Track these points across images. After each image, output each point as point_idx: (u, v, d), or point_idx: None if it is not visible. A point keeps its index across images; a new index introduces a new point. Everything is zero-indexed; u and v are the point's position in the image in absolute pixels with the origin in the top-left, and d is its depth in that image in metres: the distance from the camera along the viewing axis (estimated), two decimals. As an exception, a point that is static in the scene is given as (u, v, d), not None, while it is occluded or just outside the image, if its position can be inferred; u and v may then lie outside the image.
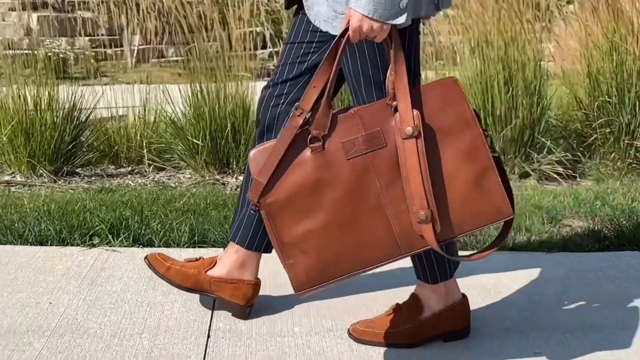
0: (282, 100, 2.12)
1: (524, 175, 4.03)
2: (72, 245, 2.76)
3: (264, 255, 2.24)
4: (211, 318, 2.23)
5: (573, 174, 4.04)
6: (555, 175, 3.95)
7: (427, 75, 4.60)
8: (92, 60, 9.77)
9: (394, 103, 1.75)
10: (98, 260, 2.62)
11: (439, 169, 1.74)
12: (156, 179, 3.94)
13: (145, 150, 4.13)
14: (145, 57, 8.57)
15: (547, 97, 4.19)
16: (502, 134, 4.02)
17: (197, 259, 2.24)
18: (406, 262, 2.10)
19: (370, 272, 1.77)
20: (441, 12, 2.03)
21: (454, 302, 2.10)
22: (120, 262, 2.61)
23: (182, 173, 4.04)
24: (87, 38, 10.09)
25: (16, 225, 2.87)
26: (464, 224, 1.75)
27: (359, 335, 2.10)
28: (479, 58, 4.16)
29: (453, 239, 1.80)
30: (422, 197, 1.71)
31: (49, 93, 4.08)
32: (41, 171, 3.89)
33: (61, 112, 4.06)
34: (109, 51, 10.10)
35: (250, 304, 2.22)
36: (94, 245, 2.75)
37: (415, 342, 2.08)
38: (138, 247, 2.76)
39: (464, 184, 1.74)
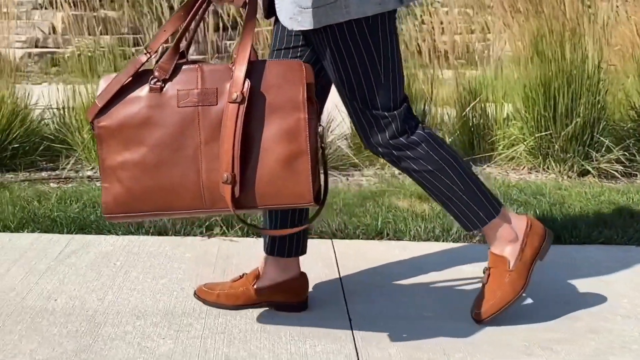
0: None
1: (583, 173, 4.20)
2: (188, 235, 2.93)
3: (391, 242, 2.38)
4: (345, 301, 2.39)
5: (632, 172, 4.20)
6: (616, 174, 4.12)
7: (446, 74, 4.74)
8: (119, 59, 9.88)
9: (234, 68, 1.86)
10: (221, 249, 2.78)
11: (258, 140, 1.84)
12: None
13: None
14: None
15: (604, 97, 4.35)
16: (562, 134, 4.19)
17: (241, 277, 2.35)
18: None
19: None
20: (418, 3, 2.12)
21: (525, 232, 2.21)
22: (241, 251, 2.77)
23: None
24: (111, 36, 10.21)
25: (131, 216, 3.03)
26: (266, 198, 1.85)
27: (485, 316, 2.22)
28: (538, 58, 4.32)
29: (254, 209, 1.90)
30: (229, 160, 1.81)
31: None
32: (123, 166, 4.04)
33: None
34: (132, 49, 10.20)
35: (305, 296, 2.32)
36: (211, 236, 2.91)
37: (524, 283, 2.21)
38: (252, 237, 2.91)
39: (276, 160, 1.84)
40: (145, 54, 1.89)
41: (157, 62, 1.90)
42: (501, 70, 5.00)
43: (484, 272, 2.26)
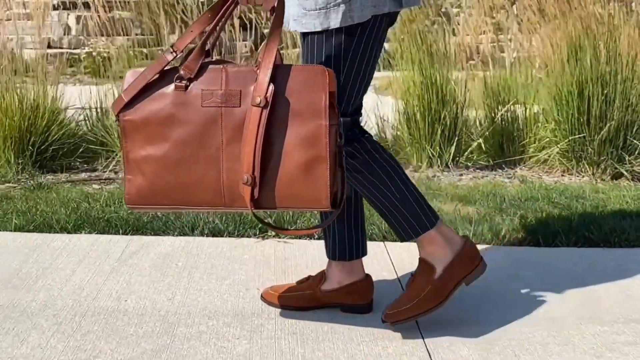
0: None
1: (616, 176, 4.22)
2: (242, 236, 2.96)
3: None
4: (408, 304, 2.42)
5: (665, 175, 4.24)
6: (651, 176, 4.16)
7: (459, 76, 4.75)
8: (135, 60, 9.91)
9: (258, 71, 1.89)
10: (277, 251, 2.82)
11: (279, 143, 1.87)
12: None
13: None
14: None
15: (638, 100, 4.37)
16: (597, 137, 4.22)
17: (307, 279, 2.38)
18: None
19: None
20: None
21: (460, 247, 2.20)
22: (297, 253, 2.80)
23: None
24: (125, 37, 10.24)
25: (183, 219, 3.06)
26: (284, 200, 1.88)
27: (395, 319, 2.18)
28: (574, 61, 4.34)
29: (272, 210, 1.97)
30: (249, 162, 1.85)
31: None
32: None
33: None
34: (145, 50, 10.22)
35: (371, 298, 2.35)
36: (265, 237, 2.94)
37: (445, 297, 2.18)
38: (305, 239, 2.94)
39: (295, 164, 1.87)
40: (172, 52, 1.92)
41: (182, 61, 1.93)
42: (531, 73, 5.03)
43: (411, 276, 2.25)
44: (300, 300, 2.33)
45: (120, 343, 2.08)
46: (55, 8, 11.19)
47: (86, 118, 4.62)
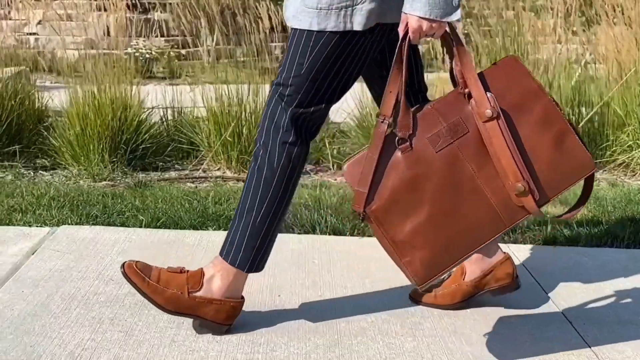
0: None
1: None
2: (363, 235, 2.96)
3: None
4: (554, 303, 2.41)
5: None
6: None
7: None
8: (176, 61, 9.94)
9: (466, 91, 1.89)
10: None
11: (520, 142, 1.87)
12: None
13: (328, 149, 4.35)
14: (216, 57, 8.81)
15: None
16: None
17: (448, 275, 2.34)
18: None
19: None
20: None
21: (230, 300, 2.10)
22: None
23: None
24: (162, 38, 10.28)
25: (302, 218, 3.08)
26: (557, 186, 1.89)
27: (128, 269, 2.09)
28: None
29: (549, 201, 1.91)
30: (515, 171, 1.84)
31: (254, 93, 4.27)
32: (250, 167, 4.09)
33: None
34: (182, 51, 10.27)
35: (516, 275, 2.31)
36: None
37: (172, 310, 2.07)
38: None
39: (547, 150, 1.88)
40: (382, 122, 1.88)
41: (389, 123, 1.89)
42: (609, 75, 5.00)
43: (187, 271, 2.13)
44: (449, 297, 2.33)
45: (290, 337, 2.09)
46: (98, 9, 11.22)
47: (163, 118, 4.64)
